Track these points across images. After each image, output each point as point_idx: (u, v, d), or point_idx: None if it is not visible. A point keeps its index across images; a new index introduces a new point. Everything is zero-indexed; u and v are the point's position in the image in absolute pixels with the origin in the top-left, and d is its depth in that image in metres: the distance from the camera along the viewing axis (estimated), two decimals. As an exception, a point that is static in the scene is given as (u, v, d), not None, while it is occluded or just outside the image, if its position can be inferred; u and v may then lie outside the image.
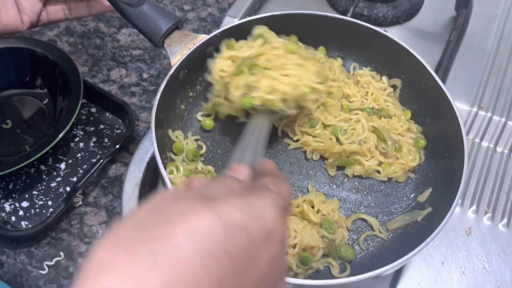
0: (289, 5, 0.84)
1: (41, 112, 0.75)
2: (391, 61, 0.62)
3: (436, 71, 0.74)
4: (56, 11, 0.62)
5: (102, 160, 0.69)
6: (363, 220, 0.57)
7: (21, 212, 0.67)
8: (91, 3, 0.64)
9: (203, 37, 0.57)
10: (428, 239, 0.46)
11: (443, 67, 0.74)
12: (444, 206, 0.50)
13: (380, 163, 0.58)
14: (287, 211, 0.33)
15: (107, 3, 0.64)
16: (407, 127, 0.61)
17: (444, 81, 0.73)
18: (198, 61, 0.59)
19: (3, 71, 0.77)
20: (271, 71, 0.52)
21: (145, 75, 0.82)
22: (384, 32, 0.60)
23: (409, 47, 0.59)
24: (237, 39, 0.62)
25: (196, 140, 0.62)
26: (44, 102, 0.76)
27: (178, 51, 0.56)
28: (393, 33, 0.80)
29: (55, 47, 0.75)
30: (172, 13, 0.57)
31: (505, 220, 0.63)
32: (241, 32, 0.60)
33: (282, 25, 0.62)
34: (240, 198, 0.29)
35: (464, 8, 0.81)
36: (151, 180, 0.64)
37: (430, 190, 0.56)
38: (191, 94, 0.62)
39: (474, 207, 0.64)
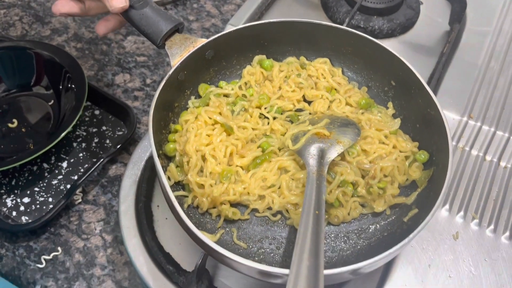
0: (288, 16, 0.86)
1: (46, 112, 0.78)
2: (383, 69, 0.64)
3: (428, 82, 0.76)
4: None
5: (102, 159, 0.71)
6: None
7: (22, 208, 0.69)
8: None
9: (202, 41, 0.60)
10: (411, 236, 0.47)
11: (435, 78, 0.76)
12: (429, 207, 0.52)
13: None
14: None
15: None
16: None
17: (436, 92, 0.76)
18: (197, 64, 0.62)
19: (11, 73, 0.80)
20: None
21: (148, 81, 0.85)
22: (376, 41, 0.62)
23: (400, 55, 0.61)
24: (234, 46, 0.64)
25: None
26: (50, 103, 0.78)
27: (178, 53, 0.58)
28: (388, 45, 0.81)
29: (62, 50, 0.78)
30: (173, 16, 0.59)
31: (492, 226, 0.64)
32: (239, 38, 0.63)
33: (278, 32, 0.65)
34: None
35: (457, 23, 0.84)
36: (148, 178, 0.66)
37: (416, 192, 0.57)
38: (189, 94, 0.65)
39: (462, 213, 0.65)
